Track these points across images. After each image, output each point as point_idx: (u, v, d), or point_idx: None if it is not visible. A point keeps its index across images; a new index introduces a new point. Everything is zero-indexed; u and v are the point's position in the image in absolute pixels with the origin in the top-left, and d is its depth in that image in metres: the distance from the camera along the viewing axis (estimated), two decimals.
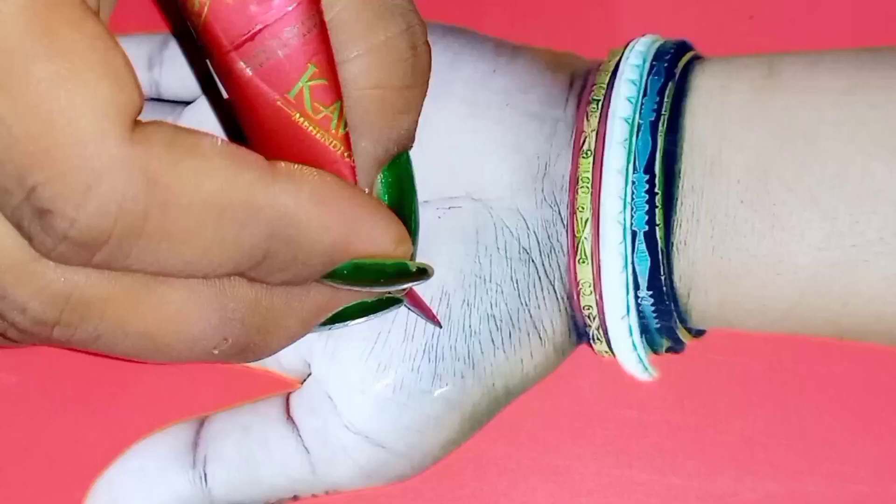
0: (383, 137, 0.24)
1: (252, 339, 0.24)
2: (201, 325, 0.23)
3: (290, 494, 0.27)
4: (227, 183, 0.21)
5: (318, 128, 0.23)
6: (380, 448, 0.27)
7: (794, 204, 0.27)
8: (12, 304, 0.22)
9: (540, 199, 0.28)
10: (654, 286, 0.27)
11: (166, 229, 0.21)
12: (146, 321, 0.22)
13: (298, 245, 0.22)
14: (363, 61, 0.23)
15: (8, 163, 0.20)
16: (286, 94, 0.22)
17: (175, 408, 0.28)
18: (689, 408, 0.27)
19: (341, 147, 0.23)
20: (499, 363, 0.28)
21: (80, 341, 0.22)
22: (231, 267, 0.22)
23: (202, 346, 0.23)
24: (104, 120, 0.20)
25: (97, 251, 0.21)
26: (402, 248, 0.24)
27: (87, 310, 0.22)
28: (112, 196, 0.20)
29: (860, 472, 0.27)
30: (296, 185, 0.22)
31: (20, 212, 0.20)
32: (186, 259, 0.21)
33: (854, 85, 0.28)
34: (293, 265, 0.23)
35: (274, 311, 0.24)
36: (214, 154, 0.21)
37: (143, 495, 0.27)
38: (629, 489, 0.27)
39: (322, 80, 0.22)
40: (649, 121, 0.28)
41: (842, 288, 0.27)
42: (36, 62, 0.19)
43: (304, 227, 0.22)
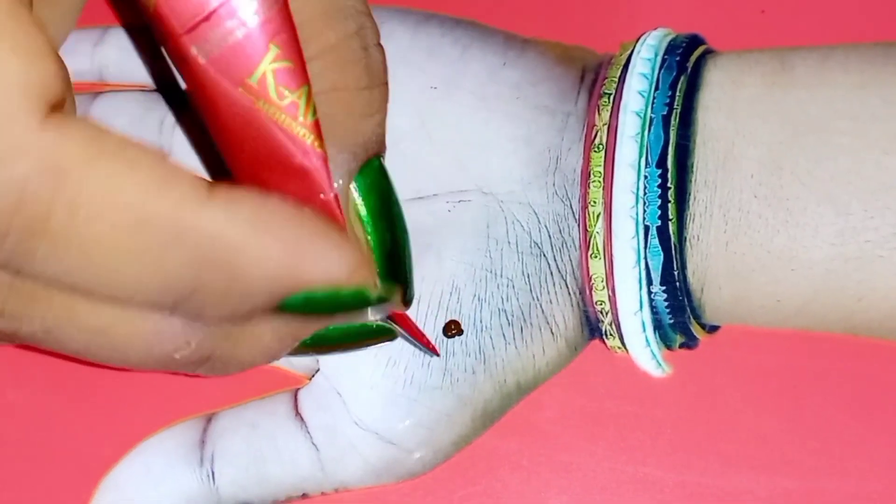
0: (349, 143, 0.23)
1: (218, 346, 0.22)
2: (161, 323, 0.21)
3: (298, 492, 0.27)
4: (149, 195, 0.19)
5: (284, 115, 0.21)
6: (390, 445, 0.27)
7: (807, 199, 0.27)
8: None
9: (551, 193, 0.28)
10: (667, 281, 0.27)
11: (73, 234, 0.19)
12: (99, 315, 0.21)
13: (234, 276, 0.20)
14: (317, 64, 0.22)
15: None
16: (247, 79, 0.20)
17: (182, 405, 0.28)
18: (703, 404, 0.27)
19: (311, 136, 0.21)
20: (510, 359, 0.27)
21: (28, 335, 0.21)
22: (156, 296, 0.20)
23: (161, 348, 0.21)
24: (14, 101, 0.18)
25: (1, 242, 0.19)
26: (358, 275, 0.21)
27: (30, 299, 0.20)
28: (12, 182, 0.18)
29: (876, 469, 0.27)
30: (232, 206, 0.20)
31: None
32: (99, 276, 0.19)
33: (866, 80, 0.28)
34: (230, 298, 0.20)
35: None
36: (143, 163, 0.19)
37: (151, 493, 0.27)
38: (642, 486, 0.27)
39: (287, 62, 0.21)
40: (661, 115, 0.28)
41: (856, 283, 0.27)
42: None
43: (239, 255, 0.20)
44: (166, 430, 0.27)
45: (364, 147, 0.23)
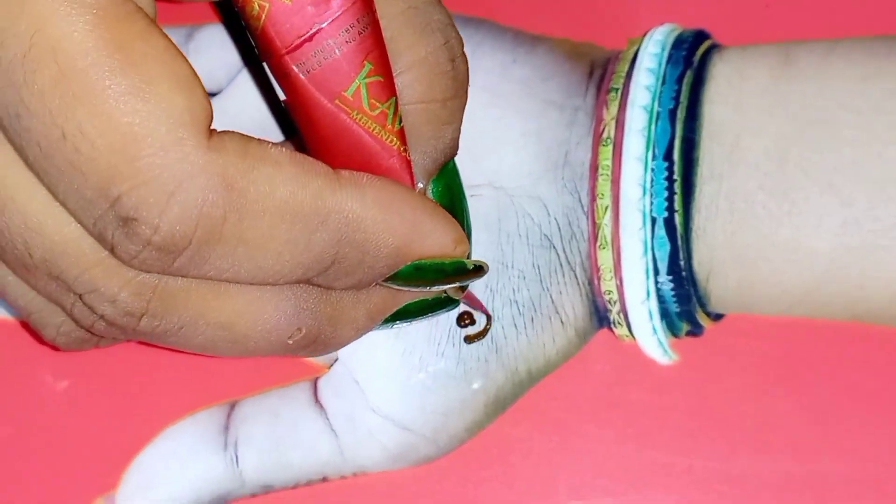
0: (430, 148, 0.25)
1: (323, 330, 0.24)
2: (277, 315, 0.24)
3: (318, 476, 0.28)
4: (297, 189, 0.22)
5: (375, 124, 0.23)
6: (406, 431, 0.28)
7: (811, 190, 0.28)
8: (102, 296, 0.22)
9: (560, 186, 0.29)
10: (673, 271, 0.28)
11: (242, 234, 0.21)
12: (225, 311, 0.23)
13: (365, 249, 0.23)
14: (407, 77, 0.24)
15: (91, 174, 0.20)
16: (344, 92, 0.23)
17: (206, 393, 0.29)
18: (709, 390, 0.28)
19: (398, 142, 0.24)
20: (522, 347, 0.28)
21: (162, 332, 0.23)
22: (300, 273, 0.23)
23: (277, 336, 0.24)
24: (182, 129, 0.21)
25: (178, 256, 0.21)
26: (460, 248, 0.24)
27: (172, 300, 0.23)
28: (193, 201, 0.21)
29: (878, 452, 0.27)
30: (360, 190, 0.23)
31: (103, 221, 0.21)
32: (259, 264, 0.22)
33: (870, 72, 0.28)
34: (359, 269, 0.23)
35: (343, 303, 0.25)
36: (285, 162, 0.22)
37: (177, 476, 0.28)
38: (650, 470, 0.28)
39: (378, 76, 0.23)
40: (668, 109, 0.29)
41: (859, 272, 0.27)
42: (112, 77, 0.20)
43: (370, 231, 0.23)
44: (191, 416, 0.28)
45: (444, 153, 0.25)
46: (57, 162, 0.21)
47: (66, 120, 0.20)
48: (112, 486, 0.28)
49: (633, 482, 0.27)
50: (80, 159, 0.20)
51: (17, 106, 0.20)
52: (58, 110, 0.20)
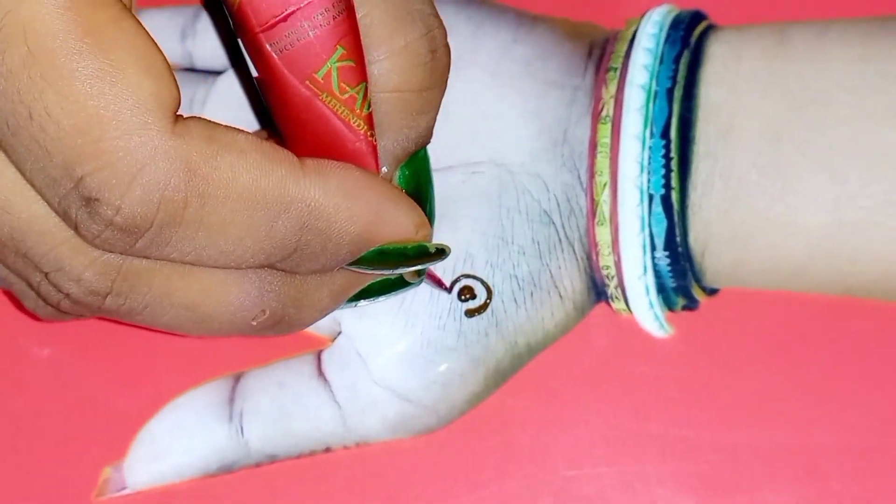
0: (402, 137, 0.25)
1: (287, 311, 0.25)
2: (241, 297, 0.24)
3: (322, 446, 0.29)
4: (260, 177, 0.22)
5: (343, 107, 0.24)
6: (407, 402, 0.28)
7: (805, 167, 0.28)
8: (68, 274, 0.23)
9: (560, 163, 0.29)
10: (670, 247, 0.29)
11: (204, 218, 0.22)
12: (190, 292, 0.24)
13: (328, 235, 0.23)
14: (384, 65, 0.24)
15: (57, 154, 0.21)
16: (314, 73, 0.23)
17: (211, 365, 0.29)
18: (704, 363, 0.28)
19: (365, 126, 0.24)
20: (521, 321, 0.29)
21: (128, 311, 0.24)
22: (263, 258, 0.23)
23: (241, 317, 0.24)
24: (147, 113, 0.21)
25: (139, 237, 0.22)
26: (422, 232, 0.25)
27: (136, 279, 0.23)
28: (155, 184, 0.21)
29: (868, 423, 0.28)
30: (323, 178, 0.23)
31: (67, 200, 0.21)
32: (221, 249, 0.22)
33: (864, 53, 0.29)
34: (322, 255, 0.23)
35: (307, 285, 0.25)
36: (250, 149, 0.22)
37: (183, 446, 0.28)
38: (646, 441, 0.28)
39: (349, 61, 0.23)
40: (665, 88, 0.29)
41: (851, 248, 0.28)
42: (81, 60, 0.20)
43: (333, 219, 0.23)
44: (197, 388, 0.29)
45: (415, 141, 0.25)
46: (24, 141, 0.21)
47: (33, 100, 0.20)
48: (120, 457, 0.29)
49: (629, 452, 0.28)
50: (45, 139, 0.21)
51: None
52: (25, 90, 0.20)
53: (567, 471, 0.28)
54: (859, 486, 0.28)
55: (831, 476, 0.28)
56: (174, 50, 0.31)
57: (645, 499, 0.28)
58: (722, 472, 0.28)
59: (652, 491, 0.28)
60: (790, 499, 0.28)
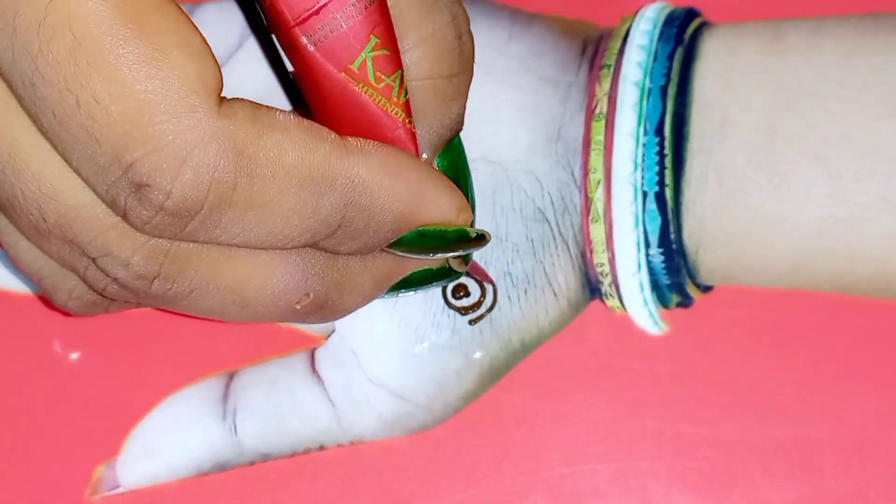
0: (437, 124, 0.25)
1: (331, 296, 0.25)
2: (286, 279, 0.24)
3: (316, 445, 0.29)
4: (306, 154, 0.22)
5: (381, 96, 0.24)
6: (401, 400, 0.28)
7: (800, 163, 0.28)
8: (116, 259, 0.23)
9: (554, 161, 0.29)
10: (664, 244, 0.29)
11: (253, 198, 0.22)
12: (235, 276, 0.24)
13: (371, 213, 0.23)
14: (414, 53, 0.24)
15: (105, 141, 0.21)
16: (350, 64, 0.23)
17: (205, 363, 0.29)
18: (698, 359, 0.28)
19: (402, 114, 0.24)
20: (515, 319, 0.29)
21: (174, 296, 0.24)
22: (308, 236, 0.23)
23: (285, 300, 0.24)
24: (194, 96, 0.21)
25: (190, 221, 0.22)
26: (463, 216, 0.25)
27: (184, 263, 0.23)
28: (205, 167, 0.21)
29: (863, 418, 0.28)
30: (366, 156, 0.23)
31: (116, 188, 0.21)
32: (269, 228, 0.23)
33: (857, 48, 0.29)
34: (365, 233, 0.24)
35: (350, 270, 0.25)
36: (294, 128, 0.22)
37: (177, 444, 0.28)
38: (641, 437, 0.28)
39: (384, 49, 0.23)
40: (659, 85, 0.29)
41: (846, 244, 0.28)
42: (126, 45, 0.21)
43: (376, 196, 0.23)
44: (191, 386, 0.29)
45: (449, 128, 0.25)
46: (71, 129, 0.21)
47: (80, 88, 0.21)
48: (113, 455, 0.29)
49: (624, 449, 0.28)
50: (94, 126, 0.21)
51: (33, 74, 0.21)
52: (72, 78, 0.21)
53: (562, 467, 0.28)
54: (854, 481, 0.28)
55: (826, 471, 0.28)
56: None
57: (640, 495, 0.28)
58: (717, 468, 0.28)
59: (647, 487, 0.28)
60: (785, 494, 0.28)
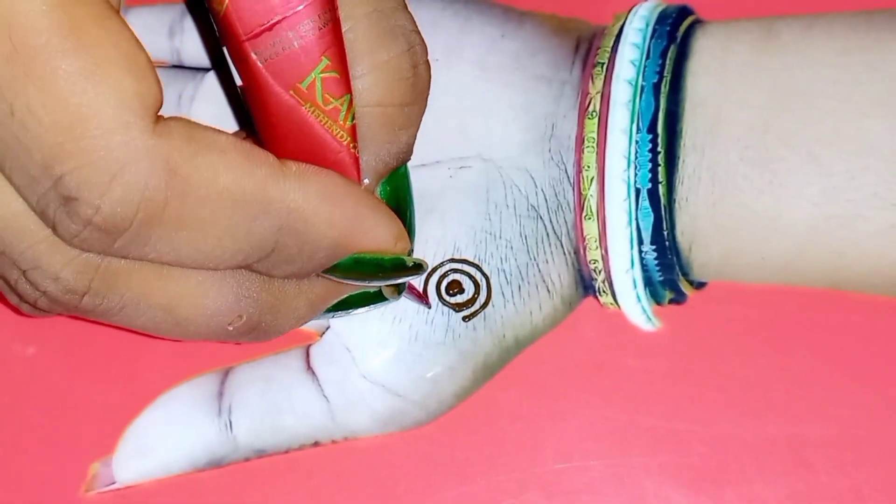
0: (383, 152, 0.25)
1: (264, 318, 0.25)
2: (218, 301, 0.24)
3: (310, 441, 0.29)
4: (241, 177, 0.22)
5: (327, 118, 0.24)
6: (396, 397, 0.28)
7: (792, 160, 0.28)
8: (45, 273, 0.23)
9: (547, 158, 0.29)
10: (657, 241, 0.29)
11: (184, 218, 0.22)
12: (167, 294, 0.23)
13: (305, 239, 0.23)
14: (367, 80, 0.24)
15: (36, 152, 0.21)
16: (298, 83, 0.23)
17: (200, 360, 0.29)
18: (692, 356, 0.28)
19: (348, 138, 0.24)
20: (509, 315, 0.29)
21: (104, 311, 0.23)
22: (241, 259, 0.23)
23: (218, 321, 0.24)
24: (129, 112, 0.21)
25: (118, 237, 0.22)
26: (400, 245, 0.25)
27: (114, 279, 0.23)
28: (135, 185, 0.21)
29: (856, 415, 0.28)
30: (304, 182, 0.23)
31: (46, 199, 0.21)
32: (200, 248, 0.22)
33: (850, 46, 0.29)
34: (299, 258, 0.23)
35: (285, 292, 0.25)
36: (230, 149, 0.22)
37: (172, 441, 0.28)
38: (634, 434, 0.28)
39: (334, 72, 0.23)
40: (652, 83, 0.29)
41: (838, 241, 0.28)
42: (64, 57, 0.20)
43: (311, 222, 0.23)
44: (186, 383, 0.29)
45: (396, 157, 0.25)
46: (4, 138, 0.21)
47: (15, 96, 0.20)
48: (108, 452, 0.29)
49: (618, 446, 0.28)
50: (26, 136, 0.21)
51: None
52: (7, 86, 0.20)
53: (556, 464, 0.28)
54: (847, 478, 0.28)
55: (819, 468, 0.28)
56: (162, 47, 0.31)
57: (634, 492, 0.28)
58: (711, 465, 0.28)
59: (641, 484, 0.28)
60: (779, 491, 0.28)
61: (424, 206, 0.29)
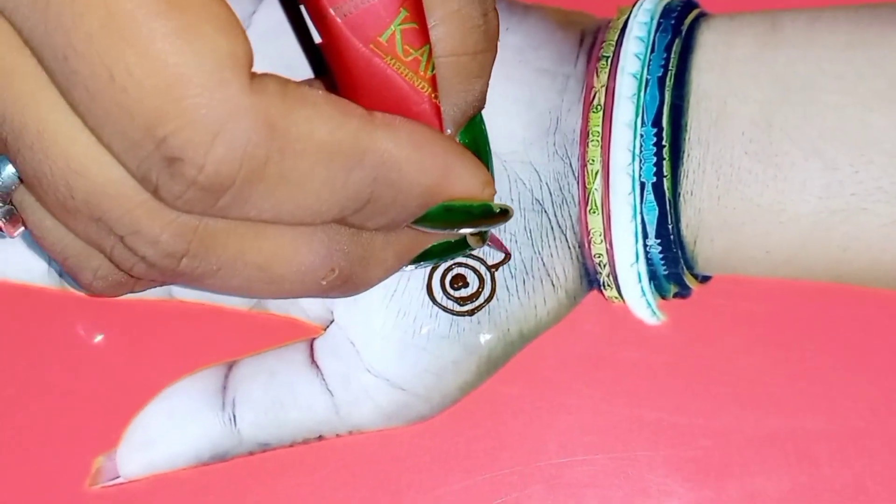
0: (460, 101, 0.25)
1: (355, 270, 0.25)
2: (311, 255, 0.24)
3: (314, 435, 0.29)
4: (335, 129, 0.22)
5: (408, 69, 0.24)
6: (400, 390, 0.28)
7: (796, 154, 0.28)
8: (144, 237, 0.23)
9: (552, 152, 0.29)
10: (661, 234, 0.29)
11: (284, 173, 0.22)
12: (263, 252, 0.24)
13: (399, 188, 0.23)
14: (440, 30, 0.24)
15: (138, 115, 0.21)
16: (378, 37, 0.23)
17: (204, 354, 0.29)
18: (695, 350, 0.29)
19: (429, 88, 0.24)
20: (514, 309, 0.29)
21: (201, 274, 0.24)
22: (337, 211, 0.23)
23: (312, 276, 0.24)
24: (226, 70, 0.21)
25: (222, 196, 0.22)
26: (487, 191, 0.25)
27: (212, 240, 0.23)
28: (238, 142, 0.21)
29: (857, 407, 0.28)
30: (394, 131, 0.23)
31: (148, 163, 0.21)
32: (300, 203, 0.23)
33: (853, 40, 0.29)
34: (392, 208, 0.24)
35: (374, 244, 0.25)
36: (323, 103, 0.22)
37: (176, 435, 0.28)
38: (637, 427, 0.28)
39: (413, 23, 0.23)
40: (657, 76, 0.29)
41: (841, 235, 0.28)
42: (159, 19, 0.20)
43: (404, 170, 0.23)
44: (190, 377, 0.29)
45: (472, 105, 0.25)
46: (104, 104, 0.21)
47: (113, 61, 0.20)
48: (112, 445, 0.29)
49: (621, 439, 0.28)
50: (127, 100, 0.21)
51: (66, 48, 0.21)
52: (105, 52, 0.20)
53: (559, 458, 0.28)
54: (850, 471, 0.28)
55: (822, 461, 0.28)
56: None
57: (636, 485, 0.28)
58: (713, 458, 0.28)
59: (643, 477, 0.28)
60: (781, 484, 0.28)
61: None
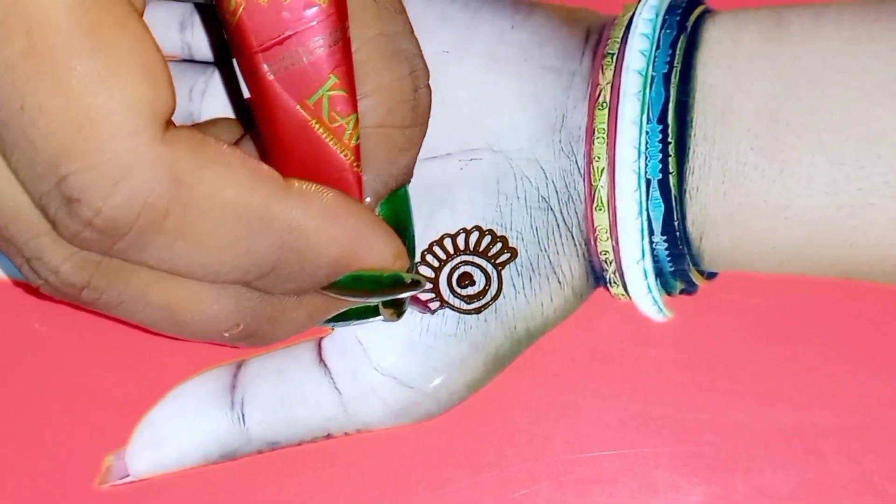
0: (383, 173, 0.25)
1: (262, 328, 0.25)
2: (216, 308, 0.24)
3: (323, 433, 0.29)
4: (245, 192, 0.22)
5: (332, 136, 0.24)
6: (407, 388, 0.29)
7: (802, 149, 0.28)
8: (46, 265, 0.23)
9: (557, 149, 0.29)
10: (667, 231, 0.29)
11: (184, 229, 0.22)
12: (167, 296, 0.24)
13: (306, 256, 0.23)
14: (369, 101, 0.24)
15: (43, 150, 0.21)
16: (306, 99, 0.23)
17: (212, 353, 0.29)
18: (702, 346, 0.29)
19: (352, 157, 0.24)
20: (520, 307, 0.29)
21: (104, 305, 0.24)
22: (239, 275, 0.23)
23: (215, 327, 0.24)
24: (139, 118, 0.21)
25: (118, 241, 0.22)
26: (399, 263, 0.25)
27: (114, 276, 0.23)
28: (138, 191, 0.21)
29: (864, 403, 0.28)
30: (307, 200, 0.23)
31: (49, 197, 0.21)
32: (199, 261, 0.22)
33: (858, 35, 0.29)
34: (299, 276, 0.24)
35: (285, 304, 0.25)
36: (237, 164, 0.22)
37: (185, 434, 0.29)
38: (644, 423, 0.28)
39: (342, 91, 0.23)
40: (662, 73, 0.29)
41: (848, 230, 0.28)
42: (80, 58, 0.20)
43: (312, 240, 0.23)
44: (199, 376, 0.29)
45: (396, 178, 0.25)
46: (13, 132, 0.21)
47: (27, 93, 0.20)
48: (122, 444, 0.29)
49: (628, 436, 0.28)
50: (34, 133, 0.21)
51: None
52: (21, 82, 0.20)
53: (566, 454, 0.28)
54: (857, 466, 0.28)
55: (830, 456, 0.28)
56: (174, 41, 0.31)
57: (644, 481, 0.28)
58: (721, 454, 0.28)
59: (651, 473, 0.28)
60: (789, 479, 0.28)
61: (435, 197, 0.29)
